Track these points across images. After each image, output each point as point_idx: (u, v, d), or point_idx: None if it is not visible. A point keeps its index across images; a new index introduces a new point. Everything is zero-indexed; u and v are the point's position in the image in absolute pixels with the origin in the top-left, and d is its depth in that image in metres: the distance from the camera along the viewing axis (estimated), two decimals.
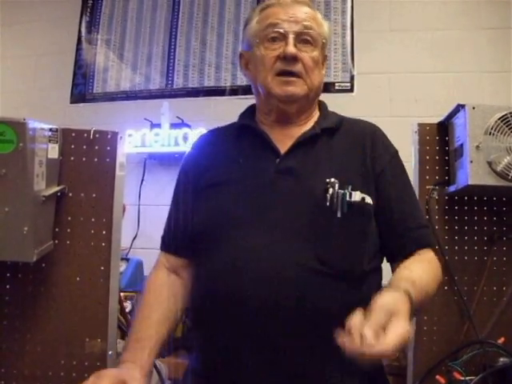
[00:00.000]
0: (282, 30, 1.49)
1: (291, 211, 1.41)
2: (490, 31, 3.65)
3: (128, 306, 2.75)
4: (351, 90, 3.69)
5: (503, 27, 3.63)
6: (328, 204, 1.39)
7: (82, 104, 4.17)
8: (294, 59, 1.47)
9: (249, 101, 3.47)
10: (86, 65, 4.23)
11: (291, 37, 1.48)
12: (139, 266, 3.38)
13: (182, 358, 2.75)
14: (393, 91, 3.70)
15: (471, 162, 1.97)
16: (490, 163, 1.97)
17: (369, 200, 1.44)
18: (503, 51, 3.61)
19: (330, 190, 1.40)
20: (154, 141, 3.75)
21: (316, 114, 1.62)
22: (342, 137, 1.55)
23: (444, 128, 2.24)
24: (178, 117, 3.77)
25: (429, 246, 1.51)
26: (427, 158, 2.22)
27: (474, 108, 2.02)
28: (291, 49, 1.47)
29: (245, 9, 4.02)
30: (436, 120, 2.26)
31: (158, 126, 3.75)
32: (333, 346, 1.18)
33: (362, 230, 1.44)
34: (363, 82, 3.67)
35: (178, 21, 4.11)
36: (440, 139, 2.24)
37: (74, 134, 2.06)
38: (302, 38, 1.50)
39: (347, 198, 1.40)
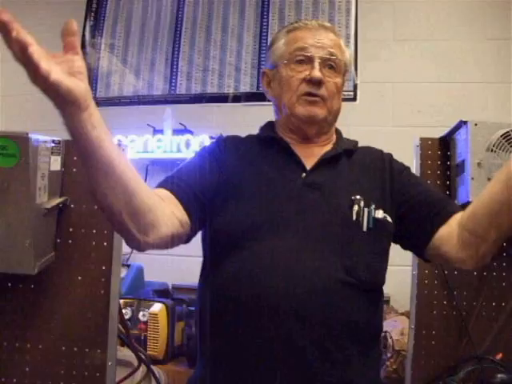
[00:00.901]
0: (308, 54, 1.55)
1: (319, 222, 1.46)
2: (495, 42, 3.66)
3: (128, 312, 2.76)
4: (354, 98, 3.70)
5: (507, 38, 3.64)
6: (354, 219, 1.47)
7: None
8: (319, 83, 1.53)
9: (251, 108, 3.48)
10: (89, 69, 4.21)
11: (317, 61, 1.54)
12: (140, 272, 3.39)
13: (181, 366, 2.77)
14: (396, 101, 3.71)
15: (472, 178, 1.98)
16: (491, 180, 1.97)
17: (389, 219, 1.52)
18: (507, 62, 3.61)
19: (356, 207, 1.48)
20: (157, 147, 3.75)
21: (334, 138, 1.68)
22: (360, 158, 1.64)
23: (446, 143, 2.24)
24: (180, 123, 3.78)
25: (459, 210, 1.52)
26: (429, 172, 2.22)
27: (476, 124, 2.02)
28: (317, 73, 1.53)
29: (248, 15, 4.03)
30: (439, 131, 2.27)
31: (161, 131, 3.76)
32: (355, 355, 1.38)
33: (384, 246, 1.53)
34: (367, 91, 3.68)
35: (182, 27, 4.11)
36: (442, 154, 2.24)
37: None
38: (327, 64, 1.56)
39: (372, 214, 1.48)
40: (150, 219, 1.27)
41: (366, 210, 1.48)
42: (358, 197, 1.49)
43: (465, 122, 2.06)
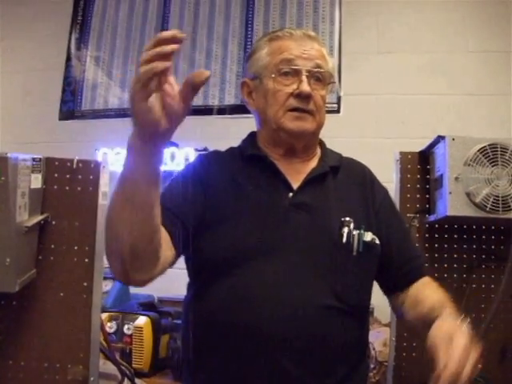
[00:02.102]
0: (296, 67, 1.49)
1: (308, 246, 1.43)
2: (477, 54, 3.70)
3: (113, 326, 2.76)
4: (338, 111, 3.72)
5: (490, 50, 3.68)
6: (344, 241, 1.44)
7: (70, 121, 4.18)
8: (308, 97, 1.49)
9: (236, 120, 3.50)
10: (74, 82, 4.25)
11: (305, 75, 1.49)
12: (125, 285, 3.38)
13: (167, 379, 2.76)
14: (379, 113, 3.73)
15: (450, 193, 2.00)
16: (468, 194, 2.00)
17: (377, 241, 1.50)
18: (490, 74, 3.65)
19: (346, 229, 1.45)
20: None
21: (318, 151, 1.65)
22: (345, 175, 1.61)
23: (425, 157, 2.26)
24: None
25: (424, 274, 1.61)
26: (408, 186, 2.24)
27: (453, 139, 2.04)
28: (307, 88, 1.48)
29: (233, 26, 4.04)
30: (422, 143, 2.28)
31: None
32: (346, 374, 1.39)
33: (372, 269, 1.52)
34: (350, 103, 3.70)
35: None
36: (421, 168, 2.26)
37: (57, 163, 2.07)
38: (314, 76, 1.51)
39: (362, 238, 1.46)
40: (153, 264, 1.26)
41: (356, 232, 1.45)
42: (347, 218, 1.46)
43: (443, 137, 2.08)
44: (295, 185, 1.51)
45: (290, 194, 1.49)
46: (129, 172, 1.11)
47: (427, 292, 1.52)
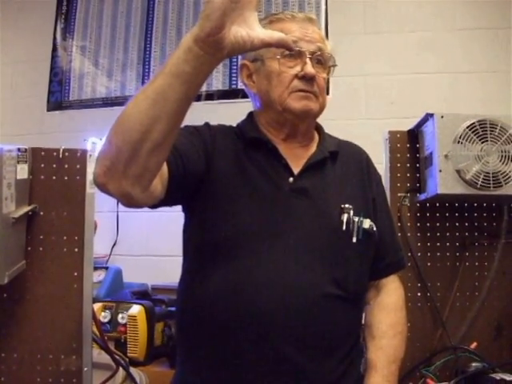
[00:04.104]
0: (299, 49, 1.49)
1: (308, 233, 1.44)
2: (464, 32, 3.68)
3: (107, 315, 2.75)
4: (327, 92, 3.65)
5: (477, 28, 3.66)
6: (344, 229, 1.46)
7: (58, 111, 4.16)
8: (312, 79, 1.48)
9: (224, 105, 3.47)
10: (61, 72, 4.21)
11: (309, 56, 1.49)
12: (118, 274, 3.36)
13: (162, 367, 2.76)
14: (368, 94, 3.72)
15: (440, 171, 1.99)
16: (458, 172, 1.99)
17: (375, 228, 1.52)
18: (478, 52, 3.64)
19: (345, 216, 1.47)
20: None
21: (316, 136, 1.65)
22: (344, 160, 1.62)
23: (414, 135, 2.25)
24: None
25: (403, 268, 1.73)
26: (398, 165, 2.23)
27: (442, 117, 2.03)
28: (311, 69, 1.47)
29: None
30: (411, 122, 2.27)
31: None
32: (342, 358, 1.43)
33: (370, 256, 1.55)
34: (338, 84, 3.66)
35: (153, 27, 4.10)
36: (411, 147, 2.25)
37: (43, 153, 2.06)
38: (315, 58, 1.51)
39: (362, 225, 1.48)
40: (144, 177, 1.15)
41: (355, 219, 1.47)
42: (347, 205, 1.47)
43: (431, 115, 2.06)
44: (295, 170, 1.51)
45: (291, 179, 1.49)
46: (174, 66, 1.06)
47: (380, 319, 1.63)
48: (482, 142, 2.00)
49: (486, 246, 2.20)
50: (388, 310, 1.64)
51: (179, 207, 1.54)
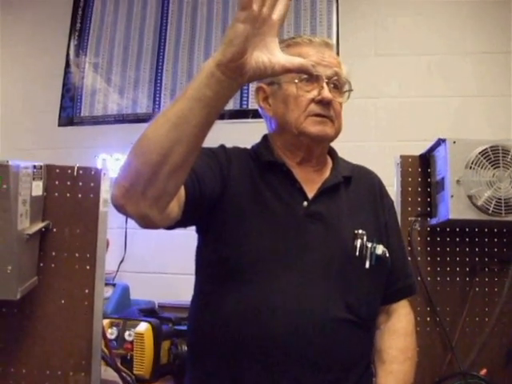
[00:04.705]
0: (317, 73, 1.48)
1: (321, 257, 1.44)
2: (474, 56, 3.69)
3: (114, 332, 2.75)
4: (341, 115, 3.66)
5: (486, 52, 3.67)
6: (357, 254, 1.46)
7: (69, 127, 4.17)
8: (329, 104, 1.49)
9: (236, 125, 3.49)
10: (73, 88, 4.24)
11: (326, 81, 1.50)
12: (126, 291, 3.37)
13: None
14: (378, 116, 3.72)
15: (452, 196, 2.00)
16: (470, 197, 1.99)
17: (387, 254, 1.52)
18: (487, 76, 3.64)
19: (359, 241, 1.47)
20: None
21: (329, 160, 1.65)
22: (357, 185, 1.62)
23: (426, 160, 2.26)
24: None
25: (414, 293, 1.71)
26: (409, 189, 2.24)
27: (454, 142, 2.04)
28: (328, 94, 1.48)
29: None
30: (421, 145, 2.29)
31: None
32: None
33: (382, 282, 1.55)
34: (349, 107, 3.66)
35: (166, 45, 4.12)
36: (422, 171, 2.26)
37: (58, 171, 2.07)
38: (332, 83, 1.51)
39: (375, 251, 1.48)
40: (163, 199, 1.16)
41: (368, 245, 1.47)
42: (360, 231, 1.48)
43: (443, 140, 2.07)
44: (310, 194, 1.51)
45: (305, 203, 1.49)
46: (196, 91, 1.07)
47: (390, 344, 1.62)
48: (494, 168, 2.00)
49: (496, 271, 2.20)
50: (398, 334, 1.63)
51: None
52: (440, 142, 2.10)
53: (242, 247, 1.43)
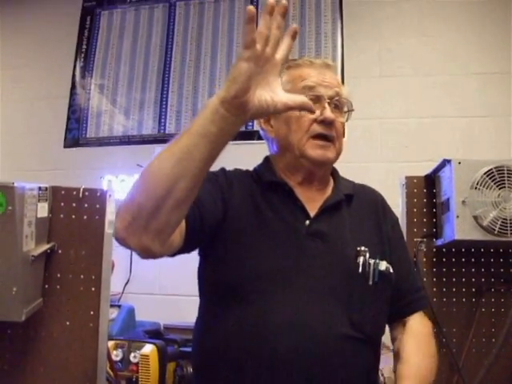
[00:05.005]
0: (318, 94, 1.51)
1: (324, 275, 1.44)
2: (479, 76, 3.70)
3: (119, 354, 2.74)
4: (342, 135, 3.65)
5: (492, 72, 3.68)
6: (360, 271, 1.45)
7: (75, 148, 4.19)
8: (331, 123, 1.51)
9: (239, 146, 3.51)
10: (79, 109, 4.26)
11: (327, 101, 1.52)
12: (131, 312, 3.36)
13: None
14: (383, 137, 3.73)
15: (457, 216, 1.99)
16: (476, 218, 1.99)
17: (391, 269, 1.51)
18: (493, 96, 3.65)
19: (361, 258, 1.46)
20: None
21: (331, 180, 1.66)
22: (359, 203, 1.63)
23: (431, 180, 2.26)
24: None
25: (426, 307, 1.70)
26: (415, 210, 2.24)
27: (459, 163, 2.04)
28: (331, 114, 1.50)
29: (236, 55, 4.06)
30: (426, 166, 2.29)
31: None
32: None
33: (386, 298, 1.53)
34: (353, 127, 3.68)
35: (171, 66, 4.15)
36: (427, 192, 2.26)
37: (63, 192, 2.07)
38: (333, 103, 1.53)
39: (378, 267, 1.47)
40: (165, 231, 1.20)
41: (371, 262, 1.47)
42: (363, 248, 1.48)
43: (448, 161, 2.07)
44: (311, 213, 1.52)
45: (307, 222, 1.50)
46: (201, 127, 1.12)
47: (409, 345, 1.60)
48: (500, 188, 2.00)
49: (502, 292, 2.19)
50: (417, 334, 1.62)
51: None
52: (445, 162, 2.10)
53: (242, 268, 1.43)
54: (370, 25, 3.97)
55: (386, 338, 2.96)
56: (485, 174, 2.01)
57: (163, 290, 3.74)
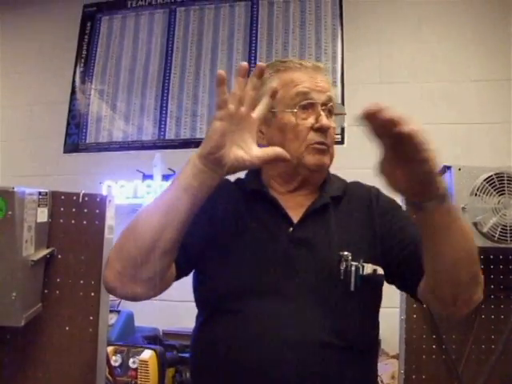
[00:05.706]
0: (312, 101, 1.47)
1: (307, 284, 1.41)
2: (478, 83, 3.71)
3: (118, 359, 2.74)
4: (342, 142, 3.70)
5: (491, 79, 3.69)
6: (342, 277, 1.41)
7: (75, 154, 4.20)
8: (327, 131, 1.47)
9: None
10: (79, 115, 4.28)
11: (322, 108, 1.47)
12: (130, 318, 3.36)
13: None
14: None
15: None
16: (476, 224, 1.99)
17: (380, 271, 1.45)
18: (492, 103, 3.66)
19: (344, 264, 1.42)
20: (147, 192, 3.77)
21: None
22: (348, 203, 1.56)
23: None
24: (170, 168, 3.78)
25: None
26: (415, 216, 2.23)
27: (459, 169, 2.04)
28: (327, 121, 1.46)
29: (236, 61, 4.07)
30: None
31: (151, 177, 3.78)
32: None
33: (373, 302, 1.50)
34: (354, 133, 3.69)
35: (171, 72, 4.16)
36: None
37: (63, 197, 2.07)
38: (326, 109, 1.49)
39: (360, 272, 1.42)
40: (156, 277, 1.26)
41: (353, 267, 1.41)
42: (345, 253, 1.42)
43: (448, 167, 2.07)
44: (296, 218, 1.48)
45: (290, 229, 1.46)
46: (183, 181, 1.21)
47: None
48: (500, 195, 2.00)
49: (502, 298, 2.18)
50: None
51: None
52: (445, 169, 2.10)
53: (227, 279, 1.42)
54: (370, 32, 3.98)
55: (385, 344, 2.97)
56: (485, 180, 2.02)
57: (162, 295, 3.70)
